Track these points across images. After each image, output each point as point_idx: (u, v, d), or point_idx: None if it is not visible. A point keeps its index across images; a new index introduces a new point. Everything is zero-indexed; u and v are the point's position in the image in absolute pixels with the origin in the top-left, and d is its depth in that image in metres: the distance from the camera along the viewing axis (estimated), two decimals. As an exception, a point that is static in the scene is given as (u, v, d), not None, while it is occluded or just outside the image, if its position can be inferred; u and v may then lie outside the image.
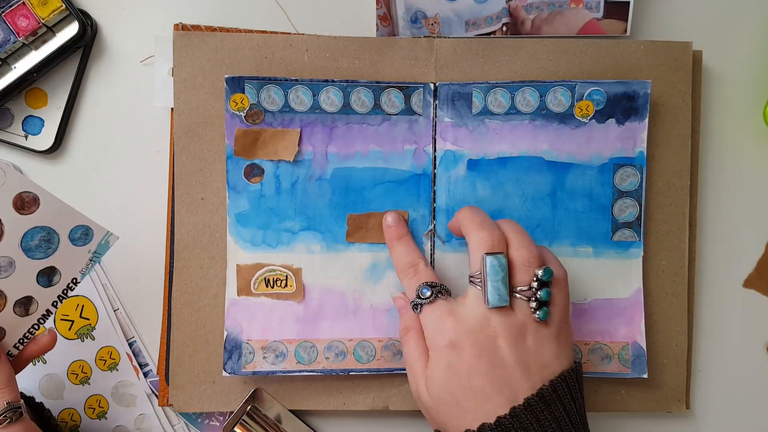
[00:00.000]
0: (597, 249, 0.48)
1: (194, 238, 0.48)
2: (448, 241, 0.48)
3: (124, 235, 0.50)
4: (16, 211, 0.40)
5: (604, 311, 0.48)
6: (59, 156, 0.51)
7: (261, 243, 0.48)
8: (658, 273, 0.49)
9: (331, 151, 0.48)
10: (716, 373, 0.51)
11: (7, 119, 0.50)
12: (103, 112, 0.51)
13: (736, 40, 0.52)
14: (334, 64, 0.48)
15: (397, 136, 0.48)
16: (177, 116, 0.48)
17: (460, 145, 0.48)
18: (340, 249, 0.48)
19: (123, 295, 0.50)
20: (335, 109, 0.48)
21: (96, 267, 0.50)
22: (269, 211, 0.48)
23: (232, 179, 0.48)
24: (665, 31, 0.51)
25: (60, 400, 0.50)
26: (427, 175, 0.48)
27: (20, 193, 0.40)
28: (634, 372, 0.48)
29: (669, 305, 0.49)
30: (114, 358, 0.50)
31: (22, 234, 0.41)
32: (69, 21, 0.49)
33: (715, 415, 0.51)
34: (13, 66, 0.49)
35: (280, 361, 0.47)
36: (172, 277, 0.48)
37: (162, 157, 0.50)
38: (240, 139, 0.47)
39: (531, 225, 0.48)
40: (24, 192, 0.40)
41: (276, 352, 0.47)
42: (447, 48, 0.48)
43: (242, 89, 0.47)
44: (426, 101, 0.48)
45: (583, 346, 0.48)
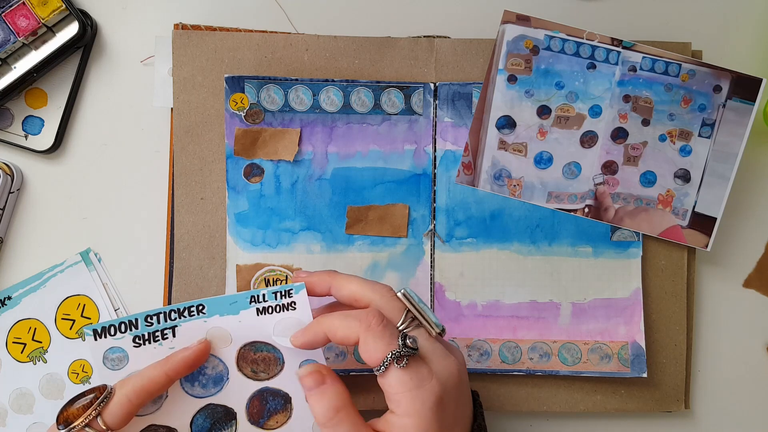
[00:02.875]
0: (596, 249, 0.48)
1: (194, 238, 0.48)
2: (448, 241, 0.48)
3: (124, 235, 0.50)
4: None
5: (604, 311, 0.48)
6: (59, 156, 0.51)
7: (261, 243, 0.48)
8: (657, 273, 0.49)
9: (331, 151, 0.48)
10: (716, 372, 0.51)
11: (7, 119, 0.50)
12: (103, 112, 0.51)
13: (736, 40, 0.52)
14: (334, 64, 0.48)
15: (397, 136, 0.48)
16: (177, 116, 0.48)
17: (460, 145, 0.48)
18: (340, 249, 0.48)
19: (123, 295, 0.50)
20: (335, 109, 0.48)
21: (97, 266, 0.50)
22: (269, 211, 0.48)
23: (232, 179, 0.48)
24: (665, 31, 0.51)
25: (60, 400, 0.50)
26: (427, 175, 0.48)
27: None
28: (634, 371, 0.48)
29: (668, 305, 0.49)
30: (114, 358, 0.50)
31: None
32: (69, 21, 0.49)
33: (715, 414, 0.51)
34: (13, 66, 0.49)
35: (280, 360, 0.47)
36: (172, 277, 0.48)
37: (162, 157, 0.50)
38: (240, 138, 0.47)
39: (531, 225, 0.48)
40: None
41: (276, 352, 0.47)
42: (447, 48, 0.48)
43: (242, 89, 0.47)
44: (426, 101, 0.48)
45: (583, 346, 0.48)
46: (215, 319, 0.39)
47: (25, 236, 0.50)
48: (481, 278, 0.48)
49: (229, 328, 0.39)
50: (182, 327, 0.39)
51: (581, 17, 0.51)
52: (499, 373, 0.48)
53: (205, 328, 0.39)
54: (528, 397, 0.49)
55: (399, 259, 0.48)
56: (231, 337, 0.39)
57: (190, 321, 0.39)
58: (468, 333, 0.48)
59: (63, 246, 0.50)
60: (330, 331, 0.37)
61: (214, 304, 0.39)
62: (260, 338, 0.40)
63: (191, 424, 0.40)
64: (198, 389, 0.40)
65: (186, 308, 0.38)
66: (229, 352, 0.40)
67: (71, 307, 0.50)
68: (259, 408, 0.40)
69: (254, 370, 0.40)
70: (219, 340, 0.39)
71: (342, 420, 0.36)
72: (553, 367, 0.48)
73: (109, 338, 0.38)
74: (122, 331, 0.38)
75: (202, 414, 0.40)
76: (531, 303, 0.48)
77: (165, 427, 0.39)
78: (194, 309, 0.38)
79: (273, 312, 0.39)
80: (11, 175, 0.49)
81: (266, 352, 0.40)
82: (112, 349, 0.38)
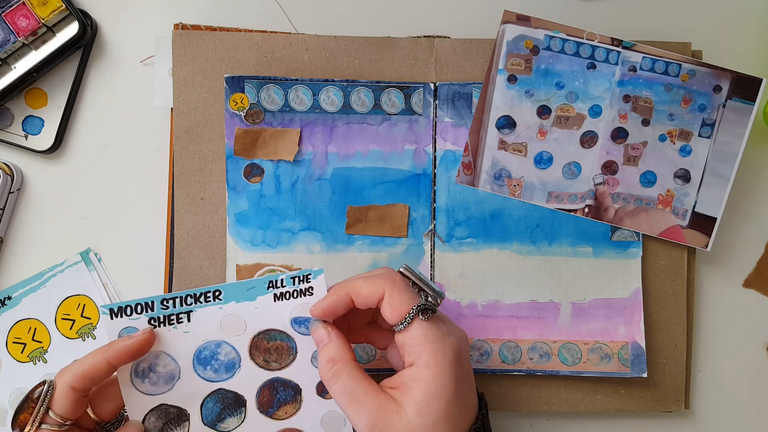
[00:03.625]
0: (596, 249, 0.48)
1: (194, 238, 0.48)
2: (448, 241, 0.48)
3: (124, 235, 0.50)
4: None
5: (604, 311, 0.48)
6: (59, 156, 0.51)
7: (261, 243, 0.48)
8: (657, 273, 0.49)
9: (331, 151, 0.48)
10: (716, 372, 0.51)
11: (7, 119, 0.50)
12: (103, 111, 0.51)
13: (736, 40, 0.52)
14: (334, 64, 0.48)
15: (397, 135, 0.48)
16: (176, 116, 0.48)
17: (460, 145, 0.48)
18: (340, 249, 0.48)
19: (124, 295, 0.50)
20: (335, 109, 0.48)
21: (97, 266, 0.50)
22: (269, 211, 0.48)
23: (232, 179, 0.48)
24: (665, 31, 0.51)
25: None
26: (427, 175, 0.48)
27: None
28: (634, 371, 0.48)
29: (668, 305, 0.49)
30: (114, 358, 0.50)
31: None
32: (69, 21, 0.49)
33: (715, 414, 0.51)
34: (13, 66, 0.49)
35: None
36: (172, 277, 0.48)
37: (162, 157, 0.50)
38: (240, 138, 0.47)
39: (531, 225, 0.48)
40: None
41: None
42: (447, 48, 0.48)
43: (242, 89, 0.47)
44: (426, 101, 0.48)
45: (583, 346, 0.48)
46: (231, 305, 0.39)
47: (25, 236, 0.50)
48: (481, 278, 0.48)
49: (245, 316, 0.39)
50: (197, 312, 0.39)
51: (581, 17, 0.51)
52: (499, 373, 0.48)
53: (220, 315, 0.39)
54: (528, 397, 0.49)
55: (399, 259, 0.48)
56: (246, 324, 0.40)
57: (206, 307, 0.39)
58: (468, 333, 0.48)
59: (63, 246, 0.50)
60: (354, 291, 0.38)
61: (231, 290, 0.39)
62: (275, 326, 0.40)
63: (201, 407, 0.40)
64: (210, 373, 0.40)
65: (203, 293, 0.39)
66: (243, 340, 0.40)
67: (71, 307, 0.50)
68: (269, 397, 0.41)
69: (266, 359, 0.40)
70: (233, 327, 0.40)
71: (339, 371, 0.37)
72: (553, 367, 0.48)
73: (124, 317, 0.38)
74: (138, 312, 0.38)
75: (212, 398, 0.40)
76: (531, 303, 0.48)
77: (176, 407, 0.40)
78: (210, 295, 0.39)
79: (291, 298, 0.39)
80: (11, 175, 0.49)
81: (280, 341, 0.40)
82: (128, 329, 0.38)
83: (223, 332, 0.40)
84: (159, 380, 0.40)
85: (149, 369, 0.39)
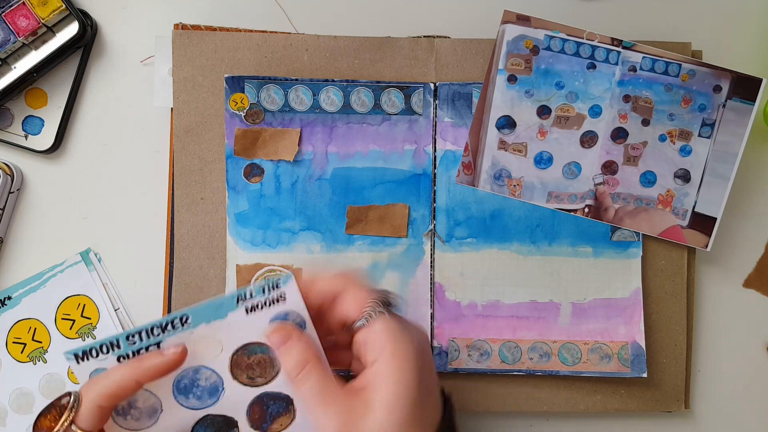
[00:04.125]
0: (596, 249, 0.48)
1: (194, 238, 0.48)
2: (448, 241, 0.48)
3: (124, 235, 0.50)
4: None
5: (604, 311, 0.48)
6: (59, 156, 0.51)
7: (261, 243, 0.48)
8: (657, 273, 0.49)
9: (331, 151, 0.48)
10: (716, 372, 0.51)
11: (7, 119, 0.50)
12: (103, 111, 0.51)
13: (736, 40, 0.52)
14: (334, 64, 0.48)
15: (397, 135, 0.48)
16: (176, 116, 0.48)
17: (460, 145, 0.48)
18: (340, 249, 0.48)
19: (123, 295, 0.51)
20: (335, 109, 0.48)
21: (97, 266, 0.50)
22: (269, 211, 0.48)
23: (232, 179, 0.48)
24: (665, 31, 0.51)
25: (60, 400, 0.50)
26: (427, 175, 0.48)
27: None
28: (634, 371, 0.48)
29: (668, 305, 0.49)
30: (114, 358, 0.50)
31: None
32: (69, 21, 0.49)
33: (715, 414, 0.51)
34: (13, 66, 0.49)
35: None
36: (172, 277, 0.48)
37: (162, 157, 0.50)
38: (240, 138, 0.47)
39: (531, 225, 0.48)
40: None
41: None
42: (447, 48, 0.48)
43: (242, 89, 0.47)
44: (426, 101, 0.48)
45: (583, 346, 0.48)
46: (202, 328, 0.37)
47: (25, 236, 0.50)
48: (481, 278, 0.48)
49: (219, 336, 0.37)
50: (167, 342, 0.37)
51: (581, 17, 0.51)
52: (499, 373, 0.48)
53: (191, 340, 0.37)
54: (528, 397, 0.49)
55: (399, 259, 0.48)
56: (222, 344, 0.38)
57: (175, 334, 0.37)
58: (468, 333, 0.48)
59: (63, 246, 0.50)
60: (308, 283, 0.37)
61: (198, 313, 0.37)
62: (253, 339, 0.38)
63: None
64: (193, 401, 0.38)
65: (169, 322, 0.36)
66: (222, 361, 0.38)
67: (71, 307, 0.50)
68: (261, 413, 0.39)
69: (250, 376, 0.38)
70: (208, 350, 0.38)
71: (309, 372, 0.36)
72: (553, 367, 0.48)
73: (92, 360, 0.36)
74: (104, 352, 0.36)
75: (201, 425, 0.39)
76: (531, 303, 0.48)
77: None
78: (177, 321, 0.36)
79: (263, 308, 0.37)
80: (11, 175, 0.49)
81: (261, 354, 0.38)
82: (98, 370, 0.36)
83: (199, 357, 0.38)
84: (141, 416, 0.38)
85: (129, 406, 0.38)
